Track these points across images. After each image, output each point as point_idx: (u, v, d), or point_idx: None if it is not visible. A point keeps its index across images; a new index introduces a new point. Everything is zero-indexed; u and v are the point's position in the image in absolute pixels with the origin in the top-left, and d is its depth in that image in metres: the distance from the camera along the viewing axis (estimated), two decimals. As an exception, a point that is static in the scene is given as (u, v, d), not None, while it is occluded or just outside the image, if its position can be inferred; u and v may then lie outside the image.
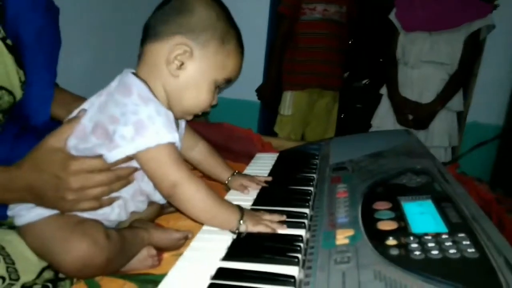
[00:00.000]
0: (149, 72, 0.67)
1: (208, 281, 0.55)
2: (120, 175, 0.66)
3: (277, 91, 2.18)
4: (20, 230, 0.65)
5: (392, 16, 1.91)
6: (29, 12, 0.71)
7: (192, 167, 0.98)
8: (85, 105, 0.67)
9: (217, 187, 0.92)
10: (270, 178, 0.91)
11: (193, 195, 0.65)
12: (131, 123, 0.61)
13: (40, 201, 0.63)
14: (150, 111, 0.62)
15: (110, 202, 0.67)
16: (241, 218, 0.67)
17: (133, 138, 0.61)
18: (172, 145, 0.64)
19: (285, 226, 0.68)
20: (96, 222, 0.65)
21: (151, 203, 0.78)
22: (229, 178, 0.89)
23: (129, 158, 0.65)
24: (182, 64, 0.66)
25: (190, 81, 0.67)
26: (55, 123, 0.78)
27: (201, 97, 0.69)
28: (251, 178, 0.90)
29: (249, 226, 0.67)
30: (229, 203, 0.69)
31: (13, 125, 0.71)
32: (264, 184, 0.89)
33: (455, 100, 1.83)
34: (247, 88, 2.21)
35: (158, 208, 0.84)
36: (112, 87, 0.66)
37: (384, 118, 1.99)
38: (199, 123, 1.30)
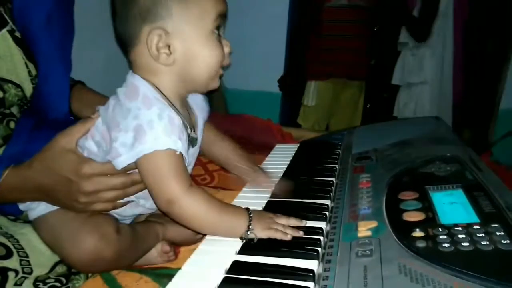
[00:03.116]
0: (148, 76, 0.62)
1: (222, 275, 0.53)
2: (135, 179, 0.63)
3: (299, 80, 2.13)
4: (33, 224, 0.65)
5: None
6: (38, 2, 0.69)
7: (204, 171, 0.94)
8: (101, 107, 0.64)
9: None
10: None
11: (190, 210, 0.59)
12: (131, 129, 0.57)
13: (53, 201, 0.62)
14: (152, 115, 0.57)
15: (124, 204, 0.65)
16: (249, 224, 0.60)
17: (133, 144, 0.57)
18: (172, 152, 0.58)
19: (301, 232, 0.61)
20: (107, 215, 0.64)
21: None
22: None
23: None
24: (169, 47, 0.59)
25: (188, 54, 0.61)
26: (75, 119, 0.77)
27: (209, 58, 0.61)
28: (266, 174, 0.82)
29: (258, 233, 0.60)
30: (236, 210, 0.63)
31: (29, 119, 0.71)
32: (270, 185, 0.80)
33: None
34: (268, 80, 2.18)
35: None
36: (120, 89, 0.62)
37: (405, 106, 1.94)
38: (219, 115, 1.28)
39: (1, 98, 0.65)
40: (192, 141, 0.66)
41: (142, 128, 0.56)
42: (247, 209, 0.63)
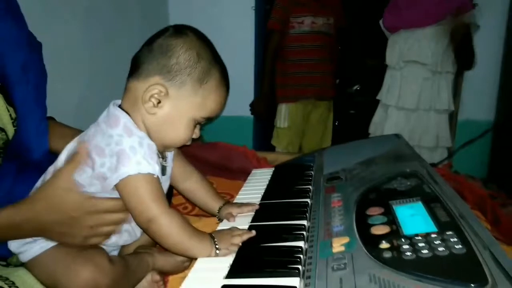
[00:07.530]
0: (131, 107, 0.69)
1: (213, 299, 0.57)
2: None
3: (271, 104, 2.22)
4: (27, 265, 0.67)
5: (381, 21, 1.99)
6: (13, 50, 0.73)
7: (185, 200, 0.99)
8: (83, 137, 0.69)
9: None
10: (257, 206, 0.87)
11: (167, 230, 0.66)
12: (114, 154, 0.64)
13: (51, 237, 0.66)
14: (133, 142, 0.65)
15: (117, 232, 0.70)
16: (215, 245, 0.68)
17: (116, 167, 0.63)
18: (151, 176, 0.65)
19: (253, 232, 0.72)
20: (98, 248, 0.68)
21: None
22: (219, 209, 0.88)
23: None
24: (159, 102, 0.67)
25: (167, 119, 0.69)
26: (55, 157, 0.80)
27: (179, 133, 0.70)
28: (239, 205, 0.87)
29: (223, 252, 0.68)
30: (203, 234, 0.70)
31: (11, 164, 0.73)
32: (252, 211, 0.86)
33: (443, 100, 1.86)
34: (239, 104, 2.24)
35: None
36: (100, 118, 0.70)
37: (379, 124, 2.03)
38: (194, 144, 1.32)
39: None
40: (162, 170, 0.73)
41: (124, 153, 0.63)
42: (210, 234, 0.71)
